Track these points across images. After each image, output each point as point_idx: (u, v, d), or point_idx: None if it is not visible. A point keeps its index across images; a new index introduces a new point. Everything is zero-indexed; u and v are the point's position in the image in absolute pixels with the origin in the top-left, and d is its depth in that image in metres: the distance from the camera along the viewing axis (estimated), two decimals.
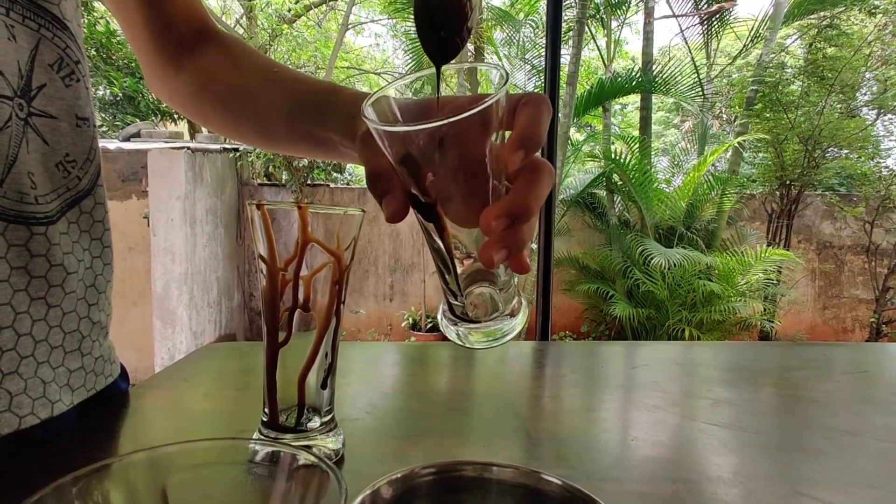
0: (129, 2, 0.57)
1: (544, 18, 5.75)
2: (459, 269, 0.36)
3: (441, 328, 0.38)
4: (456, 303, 0.37)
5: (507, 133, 0.33)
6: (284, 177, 4.76)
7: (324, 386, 0.45)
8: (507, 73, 0.32)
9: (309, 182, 4.83)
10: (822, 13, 5.40)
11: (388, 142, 0.32)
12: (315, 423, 0.45)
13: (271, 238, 0.42)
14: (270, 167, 4.85)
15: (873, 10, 5.20)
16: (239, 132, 0.60)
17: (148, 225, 4.01)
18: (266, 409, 0.44)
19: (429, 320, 4.90)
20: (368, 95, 0.36)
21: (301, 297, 0.42)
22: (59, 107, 0.49)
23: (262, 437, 0.44)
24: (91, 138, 0.52)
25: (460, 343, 0.37)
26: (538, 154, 0.33)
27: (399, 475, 0.32)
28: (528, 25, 6.00)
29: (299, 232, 0.41)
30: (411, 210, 0.35)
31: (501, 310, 0.37)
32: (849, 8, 5.29)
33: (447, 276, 0.36)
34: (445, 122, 0.29)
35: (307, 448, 0.43)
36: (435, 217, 0.34)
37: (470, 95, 0.38)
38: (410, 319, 4.96)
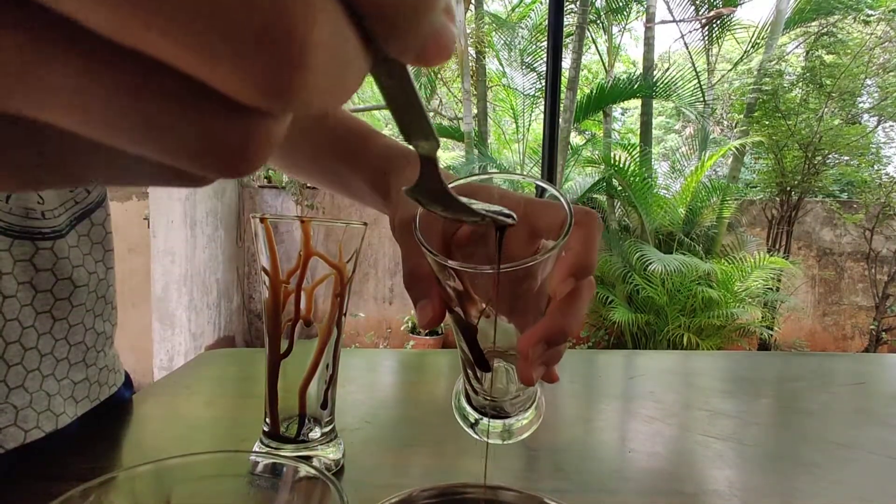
0: None
1: (537, 21, 5.77)
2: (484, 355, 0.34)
3: (456, 417, 0.37)
4: (477, 397, 0.36)
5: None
6: (285, 179, 4.77)
7: (325, 398, 0.45)
8: (571, 220, 0.30)
9: (309, 185, 4.83)
10: (820, 21, 5.42)
11: (436, 267, 0.31)
12: (316, 433, 0.45)
13: (274, 251, 0.42)
14: (270, 170, 4.85)
15: (867, 19, 5.21)
16: None
17: (148, 226, 4.01)
18: (267, 420, 0.45)
19: None
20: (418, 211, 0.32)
21: (303, 309, 0.43)
22: None
23: (264, 447, 0.44)
24: None
25: (474, 435, 0.36)
26: None
27: (396, 500, 0.32)
28: (523, 27, 6.01)
29: (302, 245, 0.42)
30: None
31: (519, 405, 0.36)
32: (844, 16, 5.31)
33: (471, 376, 0.35)
34: (505, 268, 0.28)
35: (308, 459, 0.44)
36: (470, 329, 0.33)
37: (523, 200, 0.33)
38: (410, 323, 4.96)
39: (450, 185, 0.32)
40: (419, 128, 0.18)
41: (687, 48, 6.17)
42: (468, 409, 0.36)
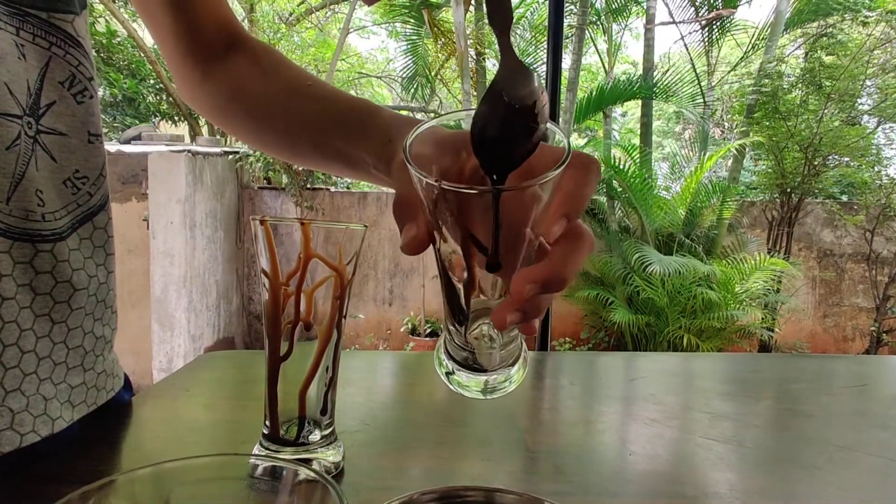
0: (155, 4, 0.54)
1: (536, 21, 5.77)
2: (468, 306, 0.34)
3: (435, 366, 0.37)
4: (455, 343, 0.35)
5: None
6: (284, 180, 4.77)
7: (324, 401, 0.45)
8: (570, 149, 0.30)
9: (309, 186, 4.83)
10: (819, 22, 5.43)
11: (424, 190, 0.31)
12: (315, 435, 0.45)
13: (274, 253, 0.42)
14: (270, 171, 4.85)
15: (865, 20, 5.21)
16: (267, 145, 0.58)
17: (147, 228, 4.01)
18: (267, 422, 0.45)
19: (428, 325, 4.90)
20: (413, 129, 0.33)
21: (303, 311, 0.43)
22: (69, 123, 0.49)
23: (263, 449, 0.44)
24: (103, 154, 0.52)
25: (450, 387, 0.36)
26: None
27: (396, 503, 0.32)
28: (523, 28, 6.02)
29: (302, 247, 0.42)
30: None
31: (500, 360, 0.35)
32: (841, 17, 5.31)
33: (452, 319, 0.35)
34: (491, 189, 0.29)
35: (308, 462, 0.44)
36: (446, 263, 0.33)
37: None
38: (410, 324, 4.96)
39: (435, 123, 0.35)
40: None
41: (687, 49, 6.18)
42: (444, 358, 0.36)
